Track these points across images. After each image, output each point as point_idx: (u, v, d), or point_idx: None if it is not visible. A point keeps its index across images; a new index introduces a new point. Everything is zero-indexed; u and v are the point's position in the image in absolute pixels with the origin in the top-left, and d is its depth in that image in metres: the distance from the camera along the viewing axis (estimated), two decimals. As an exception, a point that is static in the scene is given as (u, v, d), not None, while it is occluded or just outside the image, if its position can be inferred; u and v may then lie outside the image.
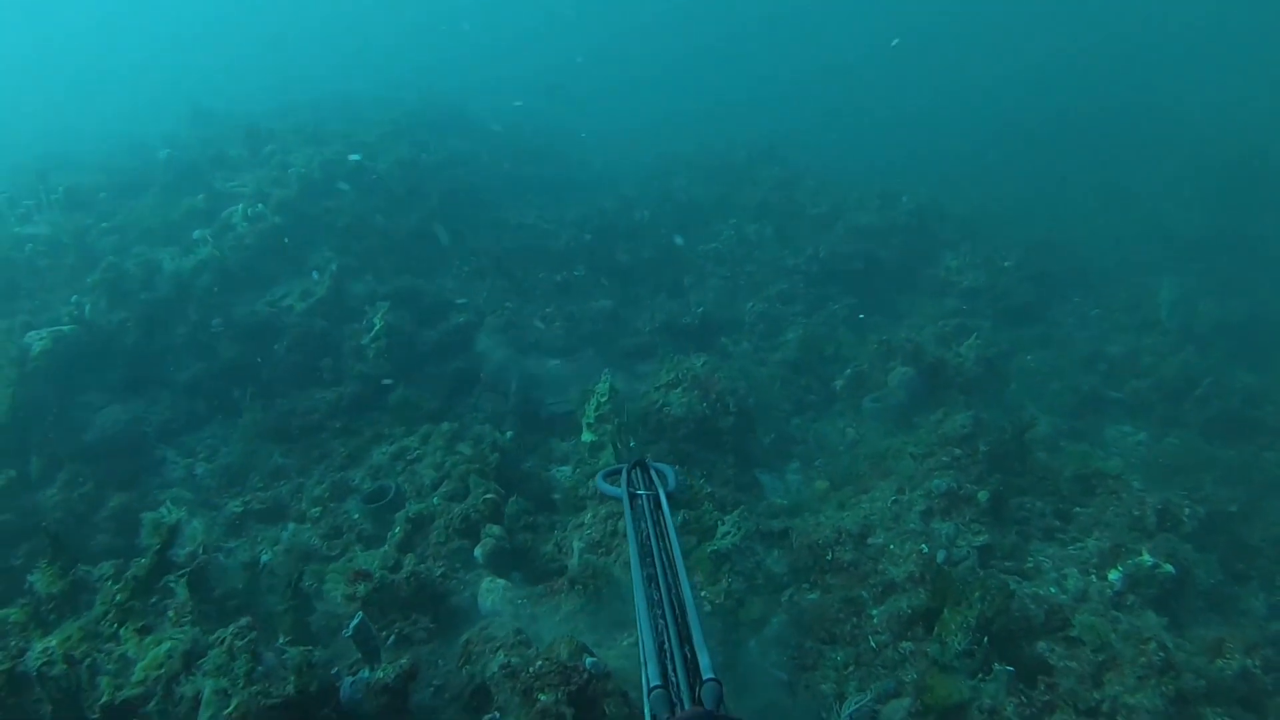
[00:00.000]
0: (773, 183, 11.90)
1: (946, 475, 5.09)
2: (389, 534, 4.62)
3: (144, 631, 2.73)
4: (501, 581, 3.97)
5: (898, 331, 7.98)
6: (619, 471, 2.15)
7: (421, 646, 3.24)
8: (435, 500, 4.68)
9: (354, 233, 7.23)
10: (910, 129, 17.72)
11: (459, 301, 6.90)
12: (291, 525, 5.20)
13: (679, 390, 6.16)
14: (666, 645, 1.32)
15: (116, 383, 5.71)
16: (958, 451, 5.27)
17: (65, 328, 5.66)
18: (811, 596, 4.52)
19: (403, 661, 2.55)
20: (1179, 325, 8.42)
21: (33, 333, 5.71)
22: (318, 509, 5.29)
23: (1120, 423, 7.34)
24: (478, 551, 4.22)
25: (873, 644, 4.00)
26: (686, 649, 1.31)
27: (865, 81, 26.06)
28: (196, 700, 2.39)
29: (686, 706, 1.17)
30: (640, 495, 1.90)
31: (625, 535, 1.92)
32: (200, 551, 3.32)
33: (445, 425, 5.62)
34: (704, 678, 1.23)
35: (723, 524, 4.44)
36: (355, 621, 2.65)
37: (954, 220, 10.47)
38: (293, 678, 2.39)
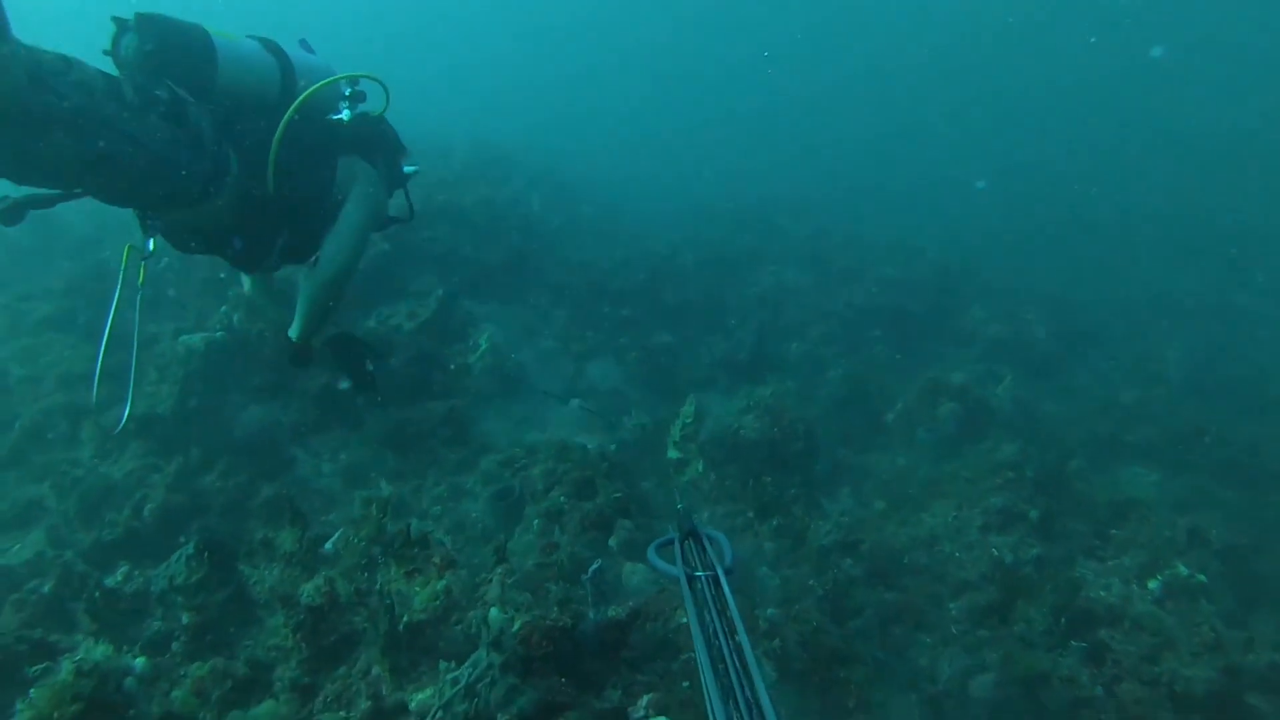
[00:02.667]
0: (803, 235, 12.83)
1: (1001, 494, 5.83)
2: (521, 527, 5.25)
3: (412, 574, 3.37)
4: (641, 565, 4.62)
5: (929, 374, 8.82)
6: (670, 542, 1.92)
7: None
8: (561, 499, 5.32)
9: (448, 261, 7.95)
10: (936, 192, 18.81)
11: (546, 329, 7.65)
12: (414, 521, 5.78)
13: (752, 415, 6.87)
14: None
15: (256, 386, 6.34)
16: (1010, 474, 5.99)
17: (217, 334, 6.30)
18: (889, 595, 5.19)
19: (630, 603, 3.21)
20: (1184, 380, 9.29)
21: (186, 337, 6.35)
22: (438, 507, 5.91)
23: (1134, 465, 8.08)
24: (612, 541, 4.88)
25: (954, 630, 4.69)
26: None
27: (898, 150, 27.47)
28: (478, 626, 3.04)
29: None
30: (699, 577, 1.65)
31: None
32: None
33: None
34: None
35: (821, 524, 5.13)
36: (595, 566, 3.30)
37: (976, 276, 11.40)
38: (556, 609, 3.04)
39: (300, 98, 3.17)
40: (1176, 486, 7.56)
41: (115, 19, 2.92)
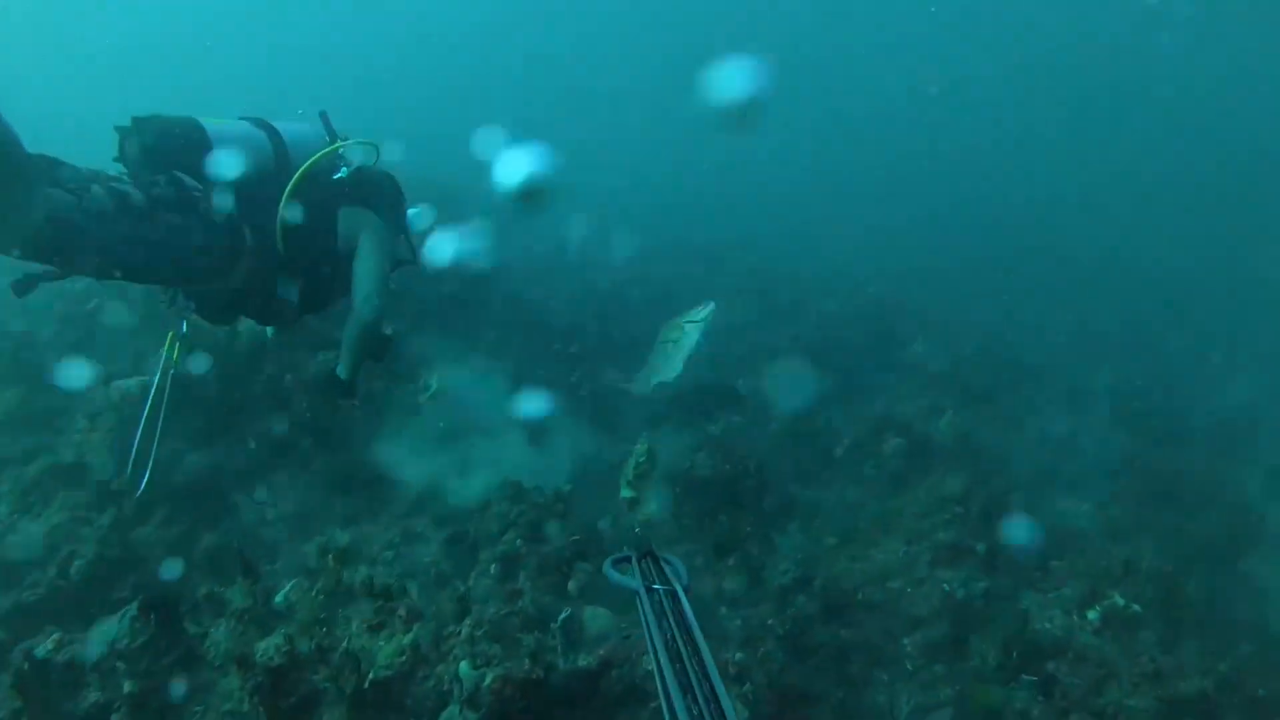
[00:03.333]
0: (746, 270, 13.08)
1: (949, 530, 5.99)
2: (476, 573, 5.19)
3: (376, 628, 3.30)
4: (603, 609, 4.61)
5: (874, 408, 9.04)
6: (627, 559, 1.97)
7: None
8: (518, 542, 5.28)
9: (396, 298, 7.86)
10: (874, 226, 19.39)
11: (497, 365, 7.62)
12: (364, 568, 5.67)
13: (704, 453, 6.93)
14: None
15: (198, 431, 6.16)
16: (958, 509, 6.17)
17: (154, 378, 6.11)
18: (845, 633, 5.27)
19: (600, 651, 3.20)
20: (1112, 410, 9.70)
21: (118, 382, 6.15)
22: (390, 552, 5.81)
23: (1068, 495, 8.37)
24: (571, 585, 4.86)
25: (910, 667, 4.79)
26: None
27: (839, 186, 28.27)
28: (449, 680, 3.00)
29: None
30: (657, 590, 1.68)
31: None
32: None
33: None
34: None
35: (779, 563, 5.19)
36: (564, 615, 3.29)
37: (914, 310, 11.76)
38: (528, 660, 3.02)
39: (298, 173, 3.49)
40: (1108, 516, 7.85)
41: (117, 128, 3.20)
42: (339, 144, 3.79)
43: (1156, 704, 4.10)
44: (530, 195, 5.11)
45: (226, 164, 3.32)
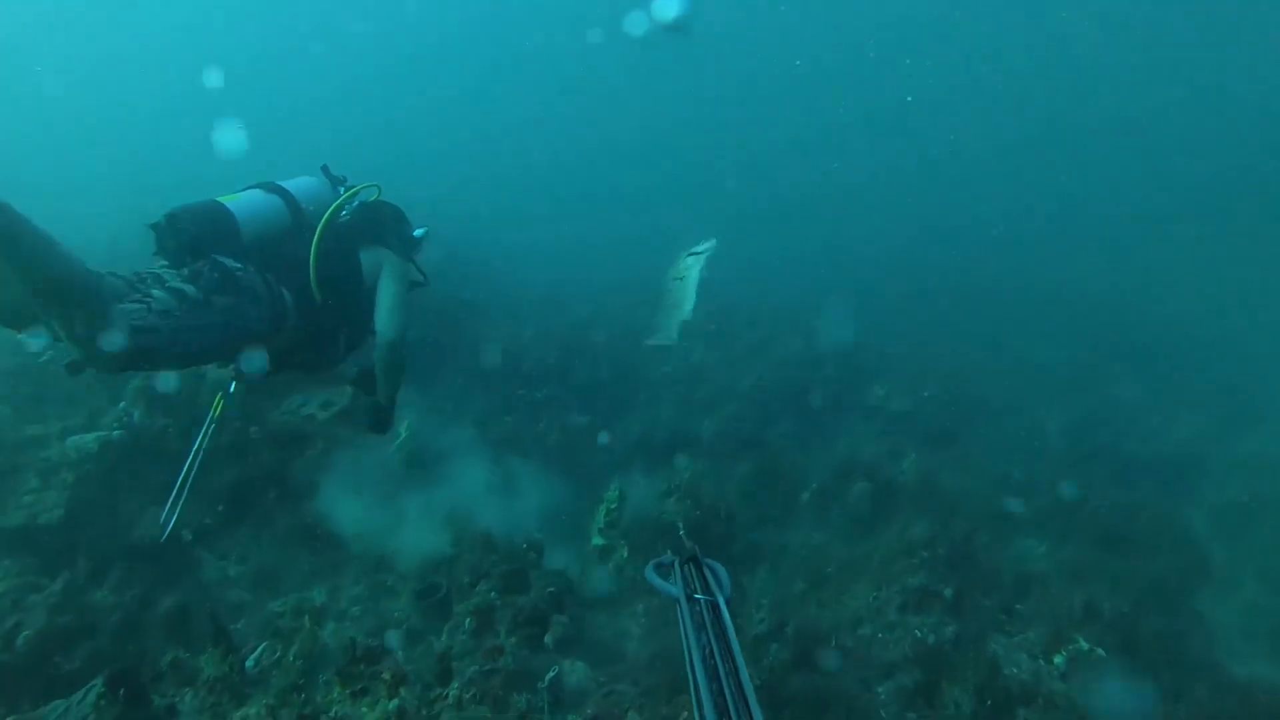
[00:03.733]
0: (709, 312, 13.19)
1: (917, 574, 6.08)
2: (452, 626, 5.12)
3: (359, 694, 3.24)
4: (581, 663, 4.58)
5: (838, 451, 9.19)
6: (670, 564, 1.91)
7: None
8: (492, 594, 5.23)
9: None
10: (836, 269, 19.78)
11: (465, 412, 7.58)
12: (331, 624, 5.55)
13: (673, 499, 6.97)
14: None
15: (157, 485, 6.00)
16: (925, 554, 6.26)
17: (115, 432, 5.96)
18: (819, 681, 5.30)
19: (589, 711, 3.18)
20: (1064, 450, 9.97)
21: (76, 437, 5.98)
22: (358, 608, 5.70)
23: (1026, 536, 8.55)
24: (548, 638, 4.82)
25: (884, 715, 4.82)
26: None
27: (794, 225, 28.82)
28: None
29: None
30: (699, 600, 1.66)
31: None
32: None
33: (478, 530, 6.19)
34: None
35: (754, 612, 5.21)
36: (551, 674, 3.27)
37: (875, 350, 12.00)
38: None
39: (319, 229, 3.76)
40: (1064, 556, 8.02)
41: (151, 226, 3.45)
42: (348, 193, 4.08)
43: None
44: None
45: (252, 235, 3.64)
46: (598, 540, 6.61)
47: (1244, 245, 25.04)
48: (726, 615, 1.59)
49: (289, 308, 3.66)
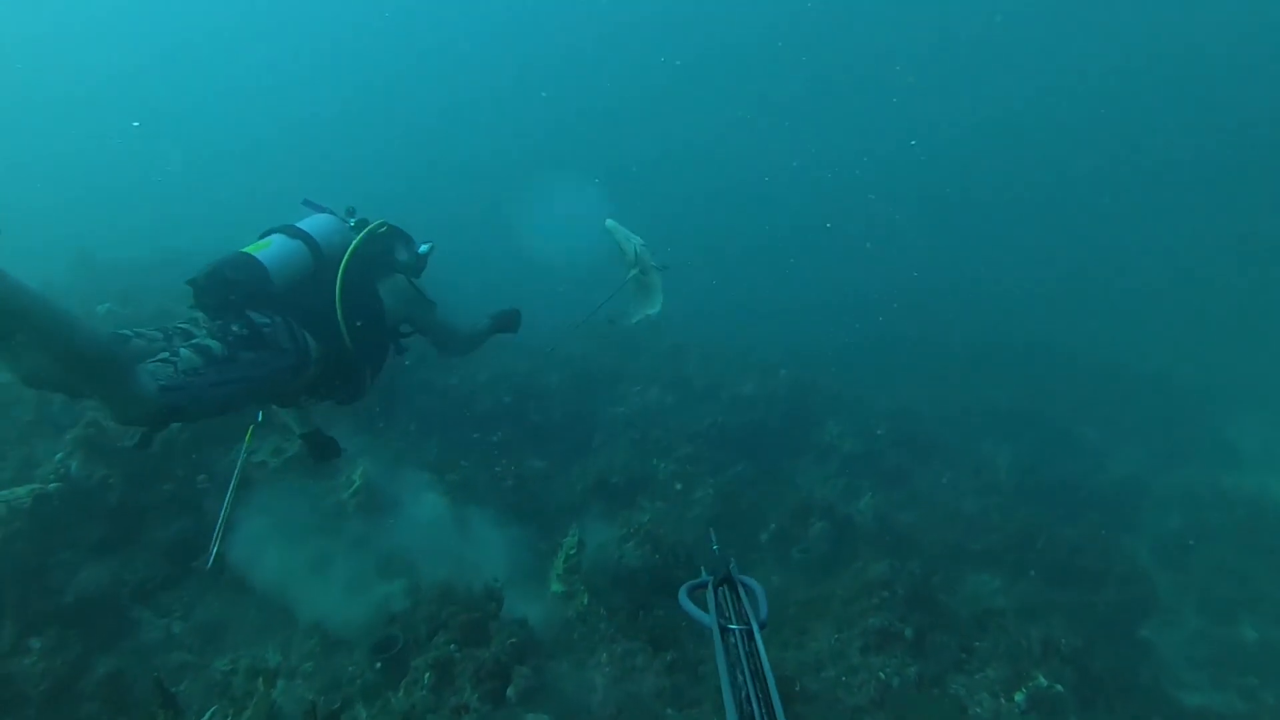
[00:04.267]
0: (662, 353, 13.28)
1: (878, 615, 6.09)
2: (410, 681, 4.95)
3: (318, 761, 3.10)
4: (545, 717, 4.46)
5: (792, 491, 9.22)
6: (704, 585, 1.86)
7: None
8: (451, 647, 5.08)
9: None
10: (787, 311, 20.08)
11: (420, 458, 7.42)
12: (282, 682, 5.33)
13: (633, 543, 6.89)
14: None
15: (95, 542, 5.73)
16: (885, 594, 6.29)
17: (50, 485, 5.69)
18: (784, 725, 5.24)
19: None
20: (1014, 486, 10.18)
21: (5, 492, 5.69)
22: (310, 664, 5.49)
23: (980, 572, 8.67)
24: (511, 691, 4.68)
25: (853, 761, 4.79)
26: None
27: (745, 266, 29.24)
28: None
29: None
30: (733, 631, 1.60)
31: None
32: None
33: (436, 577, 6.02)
34: None
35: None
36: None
37: (825, 391, 12.15)
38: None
39: (340, 279, 3.91)
40: (1017, 592, 8.16)
41: (189, 282, 3.57)
42: (361, 235, 4.21)
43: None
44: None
45: (282, 283, 3.79)
46: (557, 587, 6.49)
47: (1176, 289, 26.24)
48: (761, 645, 1.56)
49: (312, 352, 3.80)
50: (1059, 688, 5.46)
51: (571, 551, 6.61)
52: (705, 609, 1.74)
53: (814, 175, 40.38)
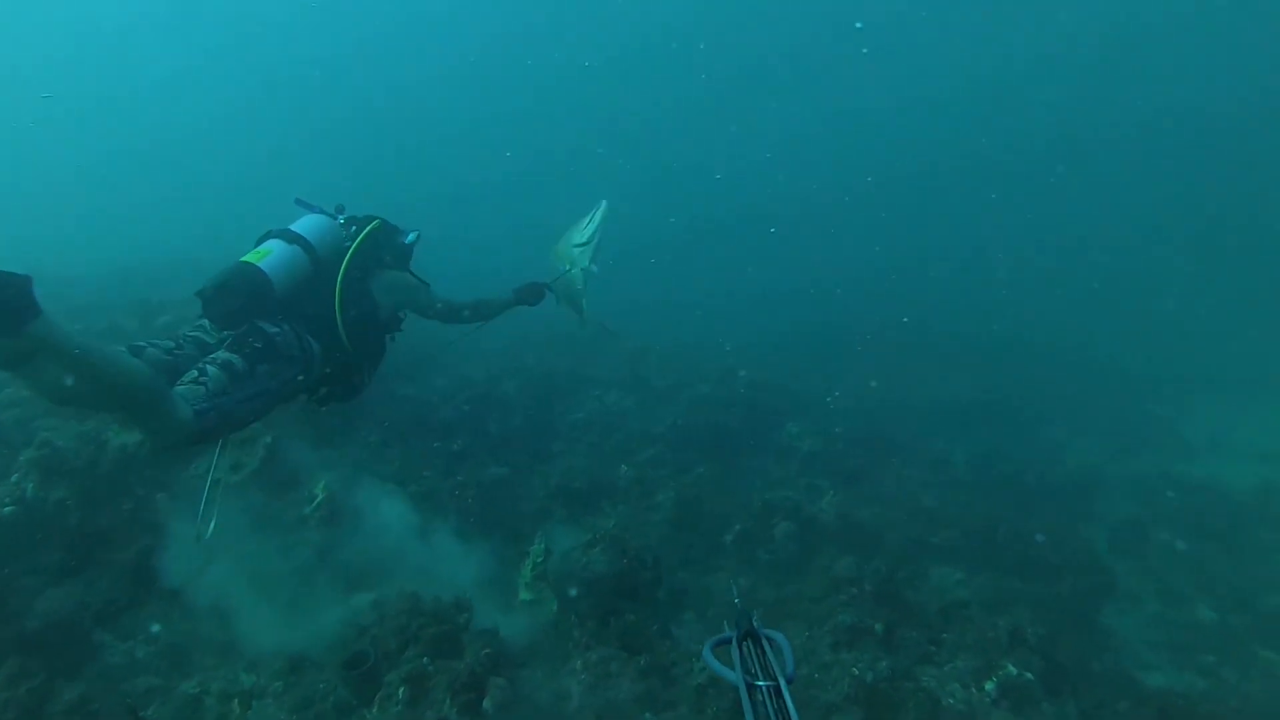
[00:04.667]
0: (620, 356, 13.19)
1: (847, 611, 6.07)
2: (384, 697, 4.78)
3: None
4: (523, 733, 4.34)
5: (754, 492, 9.18)
6: (729, 640, 1.83)
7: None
8: (424, 660, 4.92)
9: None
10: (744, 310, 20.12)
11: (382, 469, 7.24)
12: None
13: (598, 549, 6.78)
14: None
15: (55, 566, 5.46)
16: (853, 590, 6.28)
17: (5, 509, 5.42)
18: (758, 726, 5.18)
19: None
20: (973, 480, 10.30)
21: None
22: (279, 683, 5.27)
23: (943, 565, 8.72)
24: (487, 703, 4.55)
25: (832, 759, 4.74)
26: None
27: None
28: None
29: None
30: (760, 687, 1.60)
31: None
32: None
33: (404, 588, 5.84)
34: None
35: (696, 663, 5.07)
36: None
37: (783, 390, 12.19)
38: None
39: (339, 286, 4.05)
40: (980, 584, 8.22)
41: (198, 294, 3.72)
42: (359, 239, 4.30)
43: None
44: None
45: (285, 290, 3.88)
46: (526, 595, 6.36)
47: (1127, 279, 26.85)
48: (789, 700, 1.54)
49: (316, 356, 3.95)
50: (1028, 676, 5.49)
51: (539, 559, 6.49)
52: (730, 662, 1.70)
53: (771, 166, 40.63)
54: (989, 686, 5.49)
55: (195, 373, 3.28)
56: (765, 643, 1.76)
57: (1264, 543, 9.29)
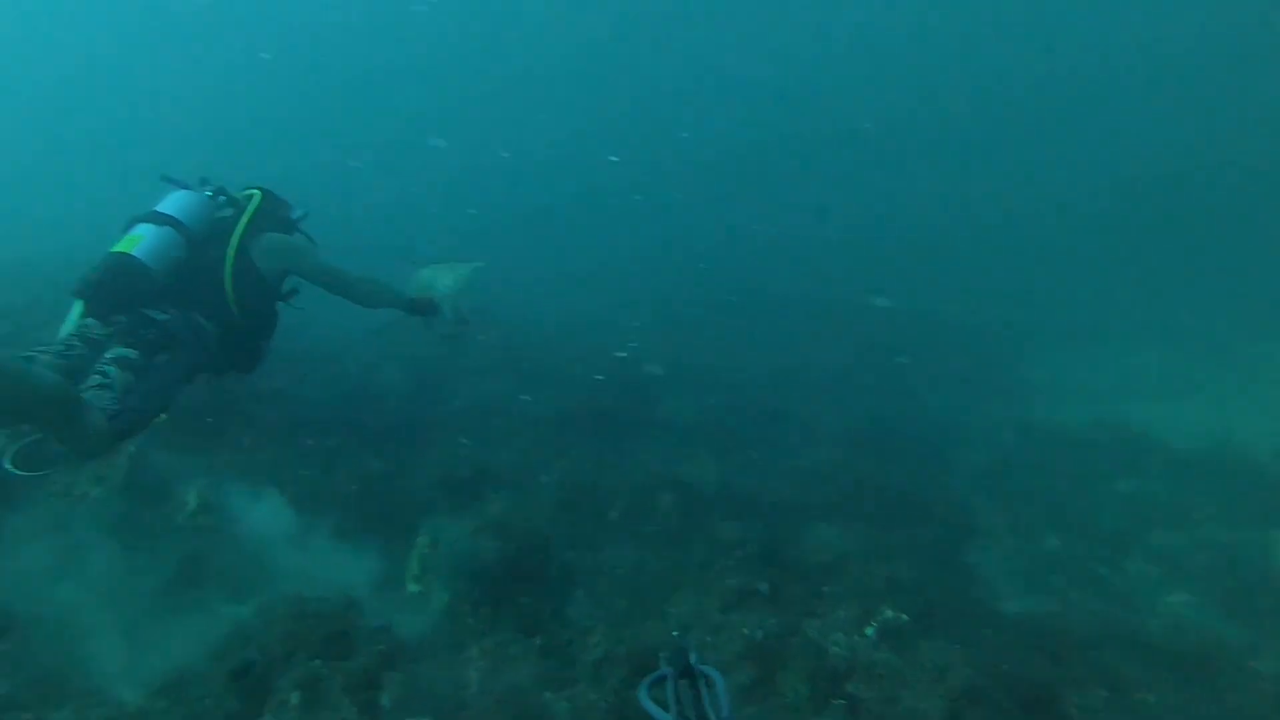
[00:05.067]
0: (494, 343, 13.00)
1: (734, 575, 6.26)
2: (276, 704, 4.57)
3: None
4: (426, 718, 4.28)
5: (636, 467, 9.30)
6: (664, 679, 1.88)
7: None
8: (316, 663, 4.75)
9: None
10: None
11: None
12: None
13: (487, 535, 6.71)
14: None
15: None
16: (739, 554, 6.48)
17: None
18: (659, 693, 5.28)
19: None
20: (845, 439, 10.79)
21: None
22: (163, 701, 4.96)
23: (818, 522, 9.08)
24: (385, 699, 4.45)
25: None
26: None
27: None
28: None
29: None
30: None
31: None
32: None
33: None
34: None
35: (590, 639, 5.12)
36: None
37: (659, 364, 12.38)
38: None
39: (229, 264, 4.09)
40: (855, 536, 8.62)
41: (75, 294, 3.71)
42: (245, 217, 4.32)
43: (944, 703, 4.52)
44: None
45: (163, 270, 3.91)
46: (414, 588, 6.24)
47: (981, 235, 28.12)
48: None
49: (210, 335, 3.97)
50: (904, 617, 5.82)
51: (425, 551, 6.37)
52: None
53: (643, 131, 40.34)
54: (869, 632, 5.77)
55: (98, 376, 3.29)
56: (703, 682, 1.81)
57: (1099, 470, 10.22)
